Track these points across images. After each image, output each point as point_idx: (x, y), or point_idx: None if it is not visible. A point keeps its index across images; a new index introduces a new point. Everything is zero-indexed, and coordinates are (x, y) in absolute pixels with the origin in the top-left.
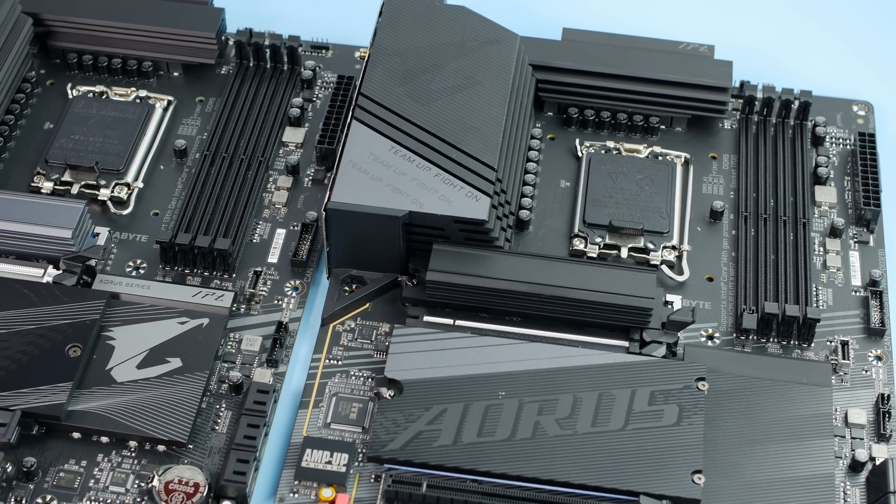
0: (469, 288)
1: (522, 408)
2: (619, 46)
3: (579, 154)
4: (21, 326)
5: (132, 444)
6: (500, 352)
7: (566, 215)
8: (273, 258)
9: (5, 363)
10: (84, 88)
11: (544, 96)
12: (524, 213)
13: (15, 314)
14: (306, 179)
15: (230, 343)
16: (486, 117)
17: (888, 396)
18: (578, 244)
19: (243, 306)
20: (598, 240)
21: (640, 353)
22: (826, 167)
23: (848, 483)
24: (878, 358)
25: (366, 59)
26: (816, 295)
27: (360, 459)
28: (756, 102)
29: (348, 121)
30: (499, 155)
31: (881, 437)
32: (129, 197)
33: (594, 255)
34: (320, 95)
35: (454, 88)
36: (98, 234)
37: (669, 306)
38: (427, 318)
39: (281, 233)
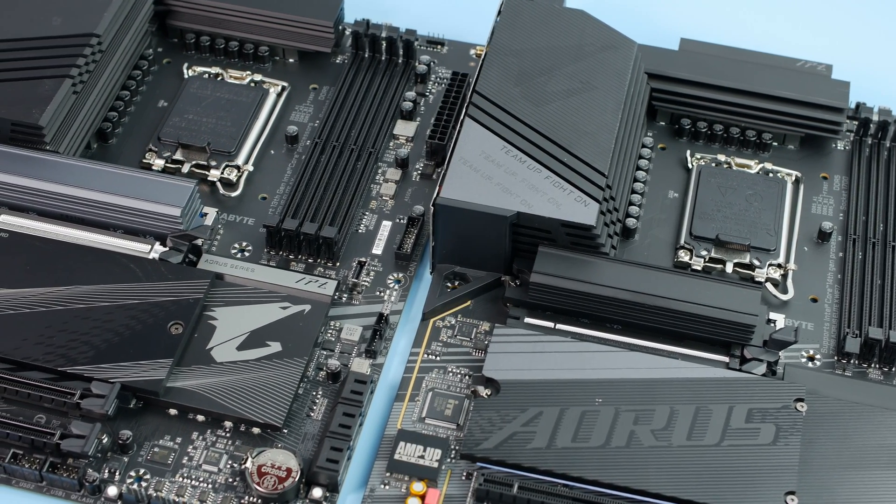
0: (572, 292)
1: (618, 416)
2: (736, 60)
3: (689, 166)
4: (125, 300)
5: (227, 424)
6: (600, 358)
7: (673, 226)
8: (377, 249)
9: (108, 336)
10: (200, 69)
11: (658, 105)
12: (631, 222)
13: (120, 288)
14: (415, 173)
15: (330, 331)
16: (600, 123)
17: None
18: (684, 256)
19: (345, 295)
20: (704, 253)
21: (739, 370)
22: None
23: None
24: None
25: (482, 57)
26: None
27: (452, 456)
28: (871, 125)
29: (461, 118)
30: (610, 161)
31: None
32: (238, 179)
33: (699, 268)
34: (433, 90)
35: (569, 92)
36: (206, 215)
37: (772, 324)
38: (528, 320)
39: (387, 225)
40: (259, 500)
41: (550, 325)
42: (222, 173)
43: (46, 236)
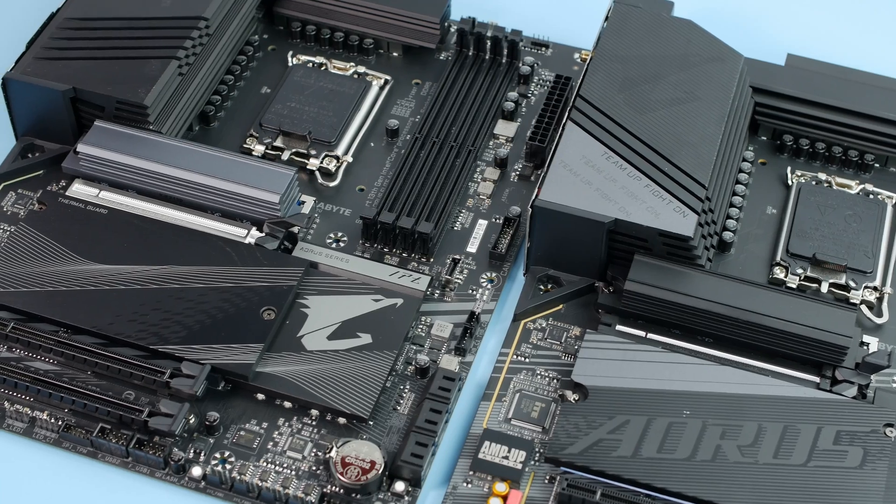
0: (666, 303)
1: (705, 430)
2: (842, 79)
3: (789, 182)
4: (219, 283)
5: (314, 412)
6: (689, 371)
7: (769, 242)
8: (472, 248)
9: (201, 317)
10: (304, 58)
11: (761, 120)
12: (727, 235)
13: (215, 270)
14: (513, 174)
15: (421, 326)
16: (702, 134)
17: None
18: (779, 273)
19: (438, 291)
20: (800, 271)
21: (830, 391)
22: None
23: None
24: None
25: (587, 61)
26: None
27: (536, 459)
28: None
29: (563, 121)
30: (710, 173)
31: None
32: (337, 170)
33: (793, 286)
34: (535, 92)
35: (673, 101)
36: (303, 203)
37: (865, 347)
38: (619, 328)
39: (482, 224)
40: (341, 490)
41: (642, 333)
42: (321, 163)
43: (145, 215)
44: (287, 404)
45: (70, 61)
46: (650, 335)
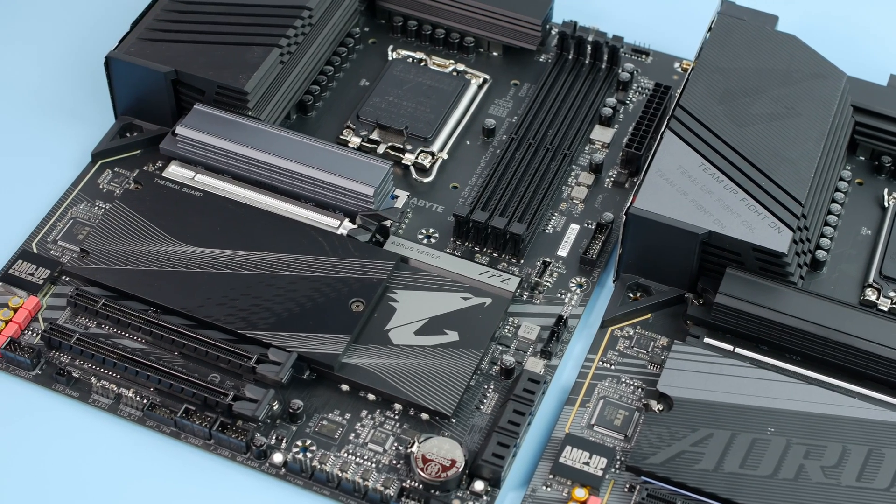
0: (756, 318)
1: (789, 448)
2: None
3: (885, 204)
4: (310, 273)
5: (397, 406)
6: (776, 388)
7: (862, 263)
8: (563, 252)
9: (289, 305)
10: (404, 53)
11: (860, 140)
12: (821, 254)
13: (306, 259)
14: (607, 180)
15: (508, 327)
16: (801, 151)
17: None
18: (871, 294)
19: (526, 293)
20: (892, 294)
21: None
22: None
23: None
24: None
25: (688, 71)
26: None
27: (617, 466)
28: None
29: (662, 130)
30: (807, 191)
31: None
32: (431, 166)
33: (885, 309)
34: (634, 99)
35: (773, 116)
36: (397, 197)
37: None
38: (707, 340)
39: (574, 228)
40: (420, 486)
41: (729, 347)
42: (417, 158)
43: (239, 200)
44: (371, 397)
45: (173, 44)
46: (738, 350)
